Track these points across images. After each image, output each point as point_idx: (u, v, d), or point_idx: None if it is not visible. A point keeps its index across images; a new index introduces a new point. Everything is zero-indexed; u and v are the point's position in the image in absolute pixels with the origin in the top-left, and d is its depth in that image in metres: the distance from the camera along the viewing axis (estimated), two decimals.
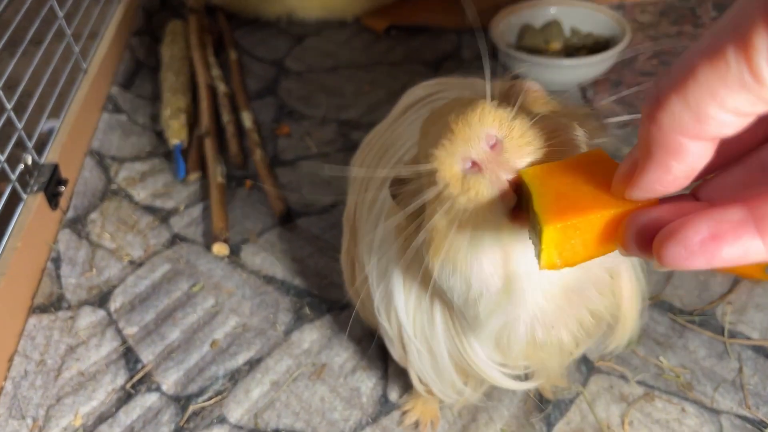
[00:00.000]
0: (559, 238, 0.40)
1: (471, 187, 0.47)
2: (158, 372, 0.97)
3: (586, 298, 0.63)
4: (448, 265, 0.53)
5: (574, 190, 0.41)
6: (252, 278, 1.09)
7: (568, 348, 0.69)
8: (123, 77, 1.51)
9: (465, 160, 0.47)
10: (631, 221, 0.38)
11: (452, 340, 0.67)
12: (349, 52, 1.63)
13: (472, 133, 0.47)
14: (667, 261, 0.34)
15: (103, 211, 1.22)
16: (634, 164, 0.37)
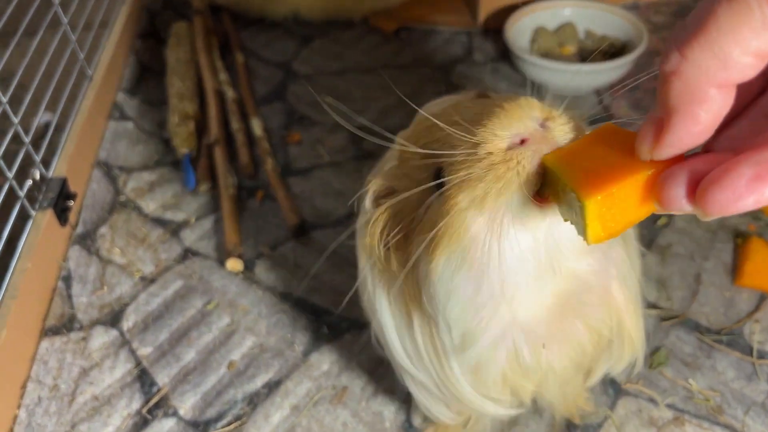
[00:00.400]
0: (600, 209, 0.41)
1: (514, 157, 0.48)
2: (175, 395, 0.95)
3: (582, 311, 0.62)
4: (456, 260, 0.53)
5: (601, 164, 0.43)
6: (267, 295, 1.07)
7: (564, 375, 0.67)
8: (129, 83, 1.47)
9: (515, 136, 0.49)
10: (669, 177, 0.38)
11: (435, 359, 0.65)
12: (356, 55, 1.60)
13: (524, 113, 0.49)
14: (715, 207, 0.35)
15: (113, 225, 1.19)
16: (657, 124, 0.38)
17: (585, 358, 0.68)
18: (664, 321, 0.99)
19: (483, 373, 0.64)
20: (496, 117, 0.50)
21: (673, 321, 0.99)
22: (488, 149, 0.50)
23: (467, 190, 0.51)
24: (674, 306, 1.01)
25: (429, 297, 0.58)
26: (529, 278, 0.55)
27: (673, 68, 0.35)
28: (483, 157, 0.50)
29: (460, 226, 0.52)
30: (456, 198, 0.52)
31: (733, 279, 1.04)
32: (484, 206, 0.50)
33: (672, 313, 1.00)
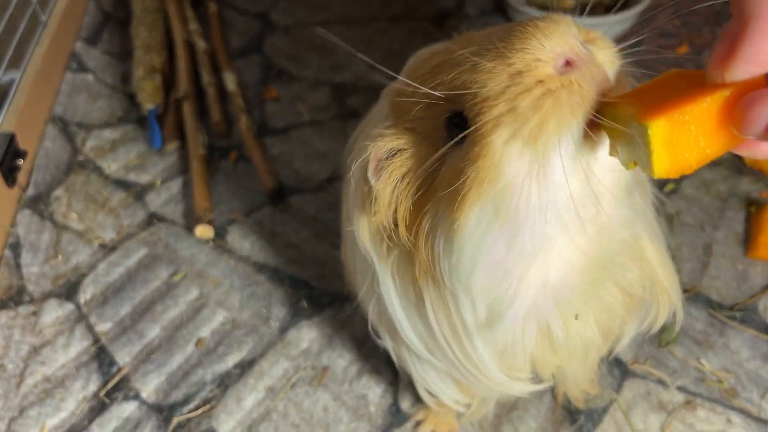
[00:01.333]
0: (667, 135, 0.36)
1: (574, 82, 0.42)
2: (136, 376, 0.85)
3: (615, 272, 0.55)
4: (489, 212, 0.45)
5: (669, 94, 0.38)
6: (240, 265, 0.97)
7: (595, 344, 0.60)
8: (88, 31, 1.35)
9: (560, 57, 0.42)
10: (754, 97, 0.33)
11: (453, 341, 0.56)
12: (342, 5, 1.48)
13: (564, 30, 0.42)
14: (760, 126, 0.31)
15: (69, 187, 1.08)
16: (731, 38, 0.33)
17: (616, 323, 0.61)
18: None
19: (511, 351, 0.56)
20: (531, 37, 0.43)
21: (684, 296, 0.91)
22: (537, 76, 0.42)
23: (510, 124, 0.43)
24: (683, 279, 0.93)
25: (450, 267, 0.50)
26: (564, 231, 0.48)
27: None
28: (531, 86, 0.42)
29: (497, 167, 0.44)
30: (490, 137, 0.44)
31: (745, 251, 0.96)
32: (537, 141, 0.43)
33: (682, 286, 0.92)
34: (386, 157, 0.51)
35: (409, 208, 0.51)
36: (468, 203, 0.46)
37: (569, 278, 0.51)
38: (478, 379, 0.59)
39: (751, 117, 0.33)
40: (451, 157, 0.48)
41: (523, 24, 0.44)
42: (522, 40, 0.43)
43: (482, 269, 0.49)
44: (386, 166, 0.51)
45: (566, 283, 0.51)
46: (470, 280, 0.50)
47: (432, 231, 0.50)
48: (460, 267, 0.49)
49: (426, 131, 0.51)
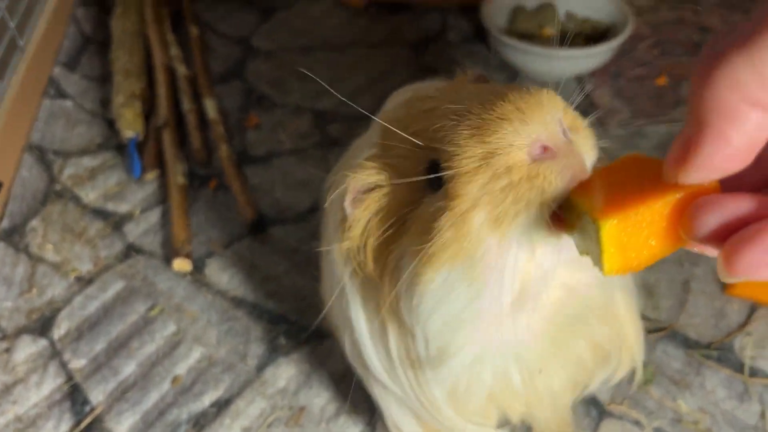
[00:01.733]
0: (619, 234, 0.37)
1: (540, 174, 0.41)
2: (110, 416, 0.84)
3: (585, 330, 0.58)
4: (457, 275, 0.47)
5: (623, 189, 0.38)
6: (218, 300, 0.96)
7: (564, 394, 0.63)
8: (67, 56, 1.33)
9: (537, 143, 0.42)
10: (701, 204, 0.34)
11: (411, 374, 0.59)
12: (323, 31, 1.48)
13: (547, 115, 0.42)
14: (742, 269, 0.31)
15: (46, 217, 1.07)
16: (686, 143, 0.33)
17: (585, 375, 0.63)
18: (651, 333, 0.91)
19: (464, 393, 0.59)
20: (513, 119, 0.42)
21: (661, 334, 0.91)
22: (506, 163, 0.42)
23: (481, 205, 0.44)
24: (661, 316, 0.94)
25: (410, 307, 0.52)
26: (524, 301, 0.50)
27: (706, 74, 0.30)
28: (500, 172, 0.43)
29: (469, 243, 0.45)
30: (466, 213, 0.45)
31: (723, 287, 0.97)
32: (500, 226, 0.44)
33: (659, 324, 0.93)
34: (364, 190, 0.53)
35: (379, 242, 0.52)
36: (439, 263, 0.47)
37: (528, 338, 0.54)
38: (432, 415, 0.61)
39: (698, 223, 0.34)
40: (426, 204, 0.49)
41: (511, 97, 0.43)
42: (502, 119, 0.42)
43: (440, 317, 0.51)
44: (363, 199, 0.52)
45: (524, 342, 0.54)
46: (426, 324, 0.52)
47: (397, 270, 0.52)
48: (420, 311, 0.51)
49: (406, 171, 0.51)
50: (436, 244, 0.46)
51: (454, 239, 0.45)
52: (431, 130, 0.48)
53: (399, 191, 0.52)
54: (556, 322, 0.55)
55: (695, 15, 1.50)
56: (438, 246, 0.46)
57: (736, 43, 0.29)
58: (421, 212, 0.49)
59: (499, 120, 0.42)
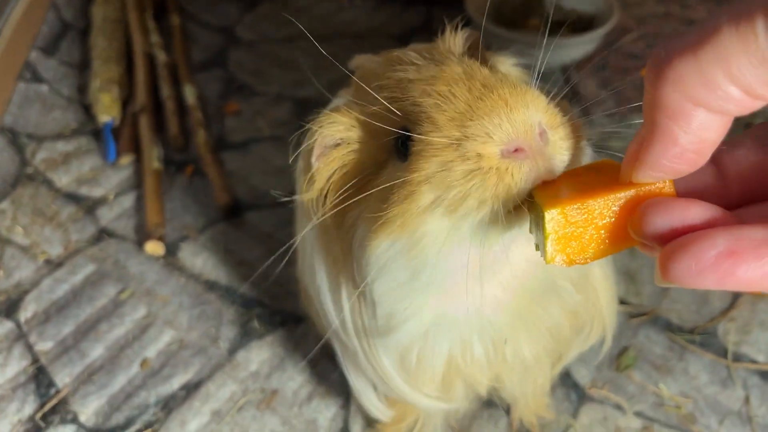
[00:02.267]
0: (563, 224, 0.37)
1: (509, 170, 0.41)
2: (75, 399, 0.82)
3: (557, 297, 0.57)
4: (401, 248, 0.47)
5: (582, 183, 0.39)
6: (191, 283, 0.94)
7: (535, 365, 0.62)
8: (45, 41, 1.31)
9: (513, 143, 0.41)
10: (652, 204, 0.34)
11: (362, 335, 0.59)
12: (307, 21, 1.47)
13: (528, 116, 0.42)
14: (673, 275, 0.31)
15: (16, 200, 1.04)
16: (639, 142, 0.34)
17: (561, 343, 0.63)
18: (633, 318, 0.89)
19: (417, 364, 0.58)
20: (495, 114, 0.42)
21: (643, 318, 0.89)
22: (479, 150, 0.42)
23: (437, 184, 0.43)
24: (643, 301, 0.92)
25: (360, 266, 0.51)
26: (478, 278, 0.49)
27: (657, 74, 0.31)
28: (469, 156, 0.42)
29: (415, 220, 0.45)
30: (419, 187, 0.44)
31: None
32: (455, 212, 0.43)
33: (641, 309, 0.91)
34: (331, 145, 0.51)
35: (339, 198, 0.51)
36: (384, 232, 0.47)
37: (491, 310, 0.54)
38: (383, 384, 0.61)
39: (645, 222, 0.34)
40: (390, 171, 0.48)
41: (500, 91, 0.43)
42: (486, 110, 0.42)
43: (385, 283, 0.51)
44: (328, 153, 0.51)
45: (486, 314, 0.54)
46: (373, 286, 0.51)
47: (353, 229, 0.51)
48: (367, 272, 0.50)
49: (376, 131, 0.50)
50: (389, 213, 0.45)
51: (400, 214, 0.45)
52: (410, 101, 0.47)
53: (365, 150, 0.51)
54: (523, 294, 0.55)
55: (682, 9, 1.50)
56: (389, 215, 0.46)
57: (684, 49, 0.30)
58: (383, 178, 0.48)
59: (484, 110, 0.42)
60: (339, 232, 0.52)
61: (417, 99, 0.46)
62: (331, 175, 0.51)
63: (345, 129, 0.51)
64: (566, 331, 0.60)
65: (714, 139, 0.33)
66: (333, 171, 0.51)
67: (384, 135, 0.49)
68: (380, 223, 0.46)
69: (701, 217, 0.33)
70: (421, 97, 0.45)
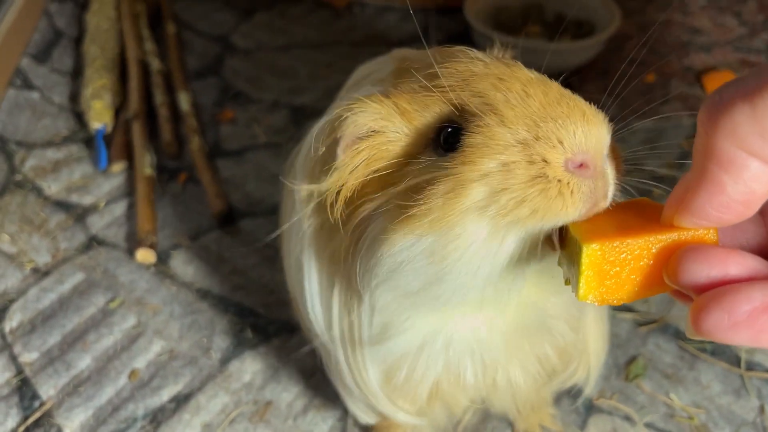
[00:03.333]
0: (600, 261, 0.35)
1: (570, 186, 0.39)
2: (60, 411, 0.78)
3: (547, 337, 0.56)
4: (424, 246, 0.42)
5: (621, 221, 0.38)
6: (183, 292, 0.91)
7: (525, 388, 0.60)
8: (37, 48, 1.29)
9: (579, 156, 0.39)
10: (690, 251, 0.33)
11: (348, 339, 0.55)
12: (304, 30, 1.45)
13: (601, 134, 0.40)
14: (705, 329, 0.30)
15: (3, 207, 1.01)
16: (686, 187, 0.33)
17: (549, 370, 0.61)
18: (641, 326, 0.86)
19: (405, 381, 0.56)
20: (572, 122, 0.39)
21: (651, 326, 0.86)
22: (547, 155, 0.39)
23: (495, 185, 0.40)
24: (651, 309, 0.88)
25: (365, 268, 0.46)
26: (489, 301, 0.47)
27: (709, 120, 0.30)
28: (535, 159, 0.39)
29: (456, 218, 0.41)
30: (471, 184, 0.40)
31: None
32: (505, 217, 0.40)
33: (649, 317, 0.87)
34: (363, 135, 0.46)
35: (358, 186, 0.46)
36: (410, 226, 0.42)
37: (488, 337, 0.52)
38: (362, 394, 0.58)
39: (681, 269, 0.33)
40: (425, 164, 0.44)
41: (577, 102, 0.41)
42: (563, 115, 0.39)
43: (391, 289, 0.47)
44: (358, 144, 0.46)
45: (483, 340, 0.52)
46: (376, 291, 0.48)
47: (365, 222, 0.46)
48: (373, 274, 0.46)
49: (417, 120, 0.45)
50: (421, 206, 0.41)
51: (441, 206, 0.41)
52: (473, 92, 0.43)
53: (399, 142, 0.46)
54: (517, 329, 0.53)
55: (684, 16, 1.48)
56: (421, 209, 0.41)
57: (739, 94, 0.29)
58: (416, 170, 0.44)
59: (559, 114, 0.39)
60: (345, 228, 0.47)
61: (484, 92, 0.42)
62: (356, 167, 0.46)
63: (380, 118, 0.45)
64: (556, 365, 0.59)
65: (764, 192, 0.31)
66: (359, 163, 0.46)
67: (427, 125, 0.45)
68: (407, 215, 0.42)
69: (741, 269, 0.32)
70: (488, 91, 0.42)
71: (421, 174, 0.43)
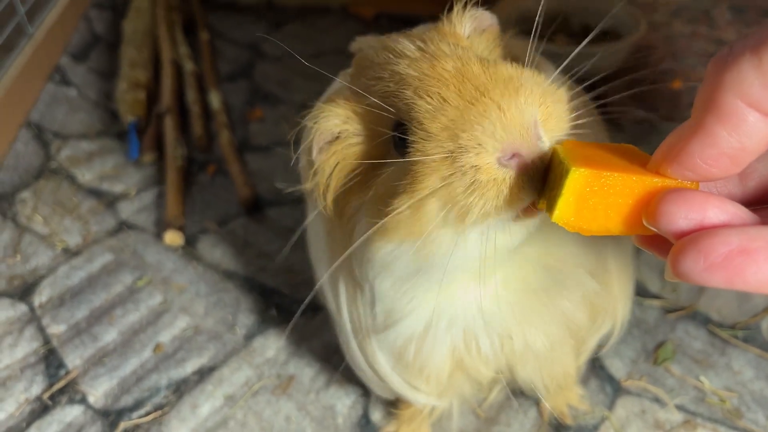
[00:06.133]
0: (582, 188, 0.35)
1: (506, 180, 0.39)
2: (85, 380, 0.78)
3: (562, 292, 0.56)
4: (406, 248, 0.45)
5: (609, 157, 0.37)
6: (209, 273, 0.91)
7: (550, 354, 0.59)
8: (76, 48, 1.33)
9: (508, 149, 0.39)
10: (673, 194, 0.32)
11: (357, 327, 0.57)
12: (333, 39, 1.48)
13: (522, 120, 0.39)
14: (681, 270, 0.30)
15: (38, 191, 1.03)
16: (679, 136, 0.33)
17: (577, 330, 0.60)
18: (670, 313, 0.85)
19: (418, 361, 0.56)
20: (486, 117, 0.39)
21: (680, 313, 0.85)
22: (475, 162, 0.39)
23: (443, 200, 0.41)
24: (680, 297, 0.87)
25: (361, 261, 0.49)
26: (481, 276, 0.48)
27: (714, 74, 0.30)
28: (466, 170, 0.40)
29: (422, 227, 0.43)
30: (428, 200, 0.42)
31: None
32: (462, 224, 0.42)
33: (678, 304, 0.86)
34: (330, 140, 0.49)
35: (342, 187, 0.50)
36: (390, 236, 0.45)
37: (494, 307, 0.52)
38: (379, 382, 0.60)
39: (661, 211, 0.32)
40: (390, 170, 0.46)
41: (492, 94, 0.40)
42: (478, 117, 0.39)
43: (387, 278, 0.49)
44: (328, 148, 0.49)
45: (489, 310, 0.52)
46: (375, 281, 0.50)
47: (352, 222, 0.50)
48: (369, 266, 0.49)
49: (376, 121, 0.47)
50: (392, 219, 0.44)
51: (408, 221, 0.43)
52: (404, 98, 0.44)
53: (364, 143, 0.49)
54: (525, 290, 0.53)
55: (710, 29, 1.49)
56: (392, 222, 0.44)
57: (748, 46, 0.29)
58: (384, 177, 0.46)
59: (476, 117, 0.39)
60: (340, 223, 0.50)
61: (410, 99, 0.43)
62: (333, 169, 0.49)
63: (342, 122, 0.48)
64: (582, 321, 0.58)
65: (754, 148, 0.31)
66: (334, 165, 0.49)
67: (382, 127, 0.47)
68: (383, 228, 0.44)
69: (720, 214, 0.31)
70: (413, 98, 0.43)
71: (386, 182, 0.45)
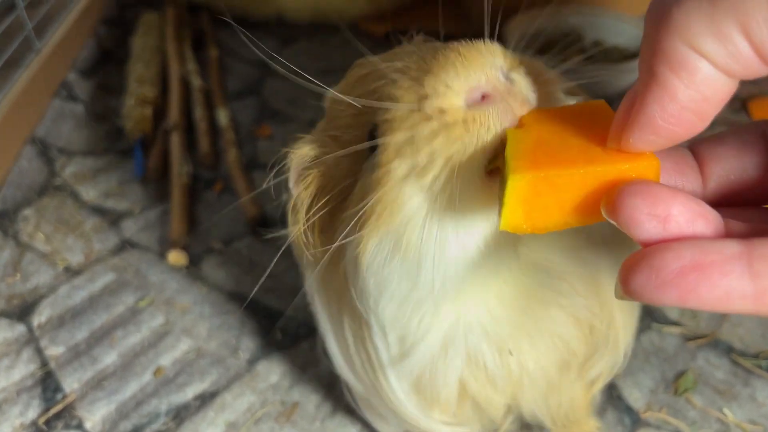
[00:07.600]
0: (527, 191, 0.32)
1: (476, 118, 0.37)
2: (83, 404, 0.76)
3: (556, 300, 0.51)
4: (388, 244, 0.42)
5: (561, 140, 0.34)
6: (213, 294, 0.89)
7: (543, 375, 0.54)
8: (84, 64, 1.32)
9: (476, 90, 0.37)
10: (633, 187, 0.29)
11: (368, 368, 0.53)
12: (344, 56, 1.46)
13: (485, 60, 0.38)
14: (632, 288, 0.28)
15: (40, 208, 1.02)
16: (632, 99, 0.30)
17: (573, 357, 0.55)
18: (690, 341, 0.81)
19: (431, 387, 0.52)
20: (450, 64, 0.38)
21: (700, 341, 0.81)
22: (440, 105, 0.38)
23: (407, 154, 0.39)
24: (700, 324, 0.84)
25: (359, 291, 0.46)
26: (477, 270, 0.44)
27: (659, 19, 0.27)
28: (432, 114, 0.38)
29: (393, 201, 0.40)
30: (390, 164, 0.40)
31: None
32: (426, 177, 0.39)
33: (698, 332, 0.83)
34: (305, 167, 0.49)
35: (325, 220, 0.48)
36: (367, 232, 0.42)
37: (496, 312, 0.48)
38: (395, 417, 0.56)
39: (621, 204, 0.30)
40: (367, 173, 0.44)
41: (450, 47, 0.39)
42: (440, 64, 0.38)
43: (389, 300, 0.46)
44: (305, 176, 0.48)
45: (492, 316, 0.48)
46: (378, 309, 0.47)
47: (345, 248, 0.46)
48: (367, 293, 0.46)
49: (348, 141, 0.46)
50: (367, 207, 0.41)
51: (379, 199, 0.40)
52: (369, 91, 0.44)
53: (342, 163, 0.47)
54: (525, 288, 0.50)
55: None
56: (369, 209, 0.41)
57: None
58: (361, 181, 0.45)
59: (438, 66, 0.38)
60: (332, 260, 0.47)
61: (374, 86, 0.43)
62: (313, 198, 0.48)
63: (315, 147, 0.48)
64: (578, 344, 0.54)
65: (716, 99, 0.28)
66: (313, 194, 0.48)
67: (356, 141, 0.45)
68: (362, 221, 0.42)
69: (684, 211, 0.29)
70: (378, 83, 0.43)
71: (364, 184, 0.44)
